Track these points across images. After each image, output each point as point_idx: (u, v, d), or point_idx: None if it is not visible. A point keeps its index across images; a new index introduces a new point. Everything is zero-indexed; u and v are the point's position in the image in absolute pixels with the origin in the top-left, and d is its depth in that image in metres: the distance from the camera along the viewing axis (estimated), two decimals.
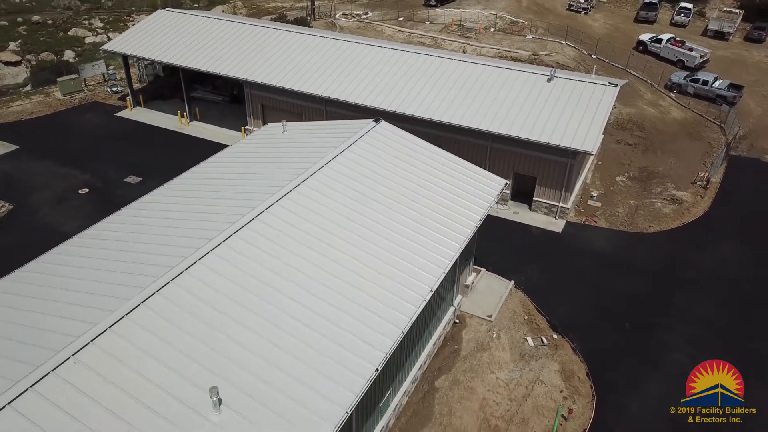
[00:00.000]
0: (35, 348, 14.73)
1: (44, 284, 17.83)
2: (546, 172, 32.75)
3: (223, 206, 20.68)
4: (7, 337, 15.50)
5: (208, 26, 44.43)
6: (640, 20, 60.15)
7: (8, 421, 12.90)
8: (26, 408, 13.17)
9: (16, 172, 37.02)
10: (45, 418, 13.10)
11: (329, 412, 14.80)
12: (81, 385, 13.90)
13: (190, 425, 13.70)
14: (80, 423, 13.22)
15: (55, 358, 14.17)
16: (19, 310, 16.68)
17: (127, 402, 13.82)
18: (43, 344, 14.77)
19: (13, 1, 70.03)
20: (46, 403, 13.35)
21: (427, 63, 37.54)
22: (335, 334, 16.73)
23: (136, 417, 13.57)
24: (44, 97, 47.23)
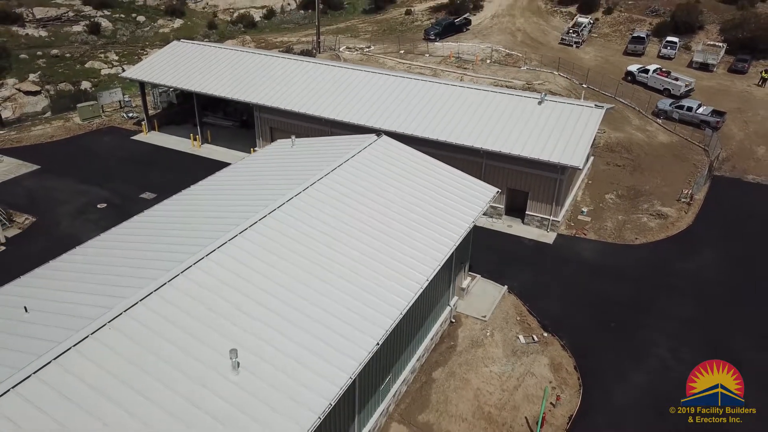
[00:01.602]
0: (78, 319, 16.64)
1: (79, 270, 19.83)
2: (537, 187, 34.85)
3: (239, 206, 22.80)
4: (50, 311, 17.43)
5: (220, 56, 47.35)
6: (629, 53, 63.23)
7: (56, 375, 14.72)
8: (72, 364, 15.02)
9: (39, 188, 39.27)
10: (91, 374, 14.94)
11: (335, 376, 16.57)
12: (118, 348, 15.77)
13: (212, 383, 15.49)
14: (119, 380, 15.04)
15: (94, 323, 16.09)
16: (53, 293, 18.64)
17: (158, 363, 15.66)
18: (84, 314, 16.70)
19: (33, 36, 73.50)
20: (93, 359, 15.23)
21: (425, 88, 40.15)
22: (341, 313, 18.60)
23: (167, 377, 15.38)
24: (64, 122, 49.90)
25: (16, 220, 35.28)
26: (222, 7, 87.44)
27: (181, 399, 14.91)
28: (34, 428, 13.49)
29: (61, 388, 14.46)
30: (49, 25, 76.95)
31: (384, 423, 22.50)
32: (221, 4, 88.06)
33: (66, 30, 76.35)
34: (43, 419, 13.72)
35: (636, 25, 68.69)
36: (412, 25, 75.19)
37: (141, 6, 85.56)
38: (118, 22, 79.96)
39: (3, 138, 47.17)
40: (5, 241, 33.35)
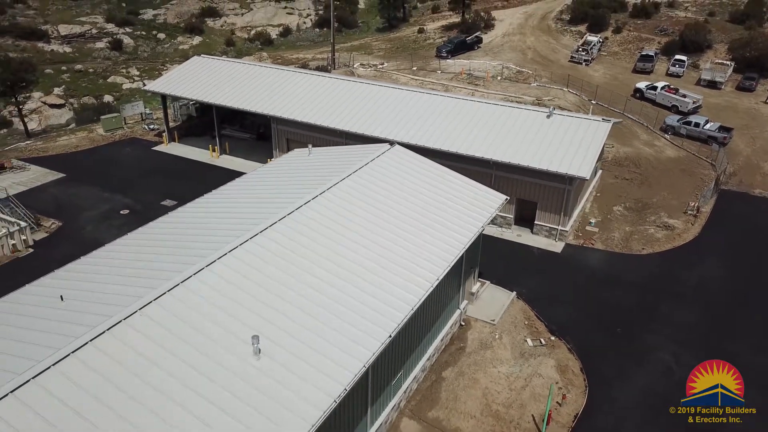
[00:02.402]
0: (111, 306, 17.79)
1: (110, 265, 21.07)
2: (546, 197, 35.82)
3: (260, 208, 24.01)
4: (82, 298, 18.62)
5: (239, 70, 49.05)
6: (637, 71, 64.33)
7: (91, 355, 15.84)
8: (107, 346, 16.16)
9: (64, 195, 40.83)
10: (124, 353, 16.07)
11: (349, 364, 17.55)
12: (147, 332, 16.89)
13: (237, 367, 16.53)
14: (150, 360, 16.14)
15: (126, 310, 17.24)
16: (83, 287, 19.85)
17: (185, 347, 16.74)
18: (117, 302, 17.85)
19: (58, 52, 76.10)
20: (125, 341, 16.37)
21: (437, 102, 41.46)
22: (356, 308, 19.63)
23: (193, 360, 16.45)
24: (87, 133, 51.72)
25: (43, 224, 36.78)
26: (240, 25, 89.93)
27: (205, 380, 15.95)
28: (89, 394, 14.61)
29: (96, 366, 15.56)
30: (73, 41, 79.67)
31: (395, 418, 23.35)
32: (239, 22, 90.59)
33: (89, 46, 79.00)
34: (80, 396, 14.81)
35: (645, 44, 69.85)
36: (425, 43, 76.88)
37: (161, 24, 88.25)
38: (140, 39, 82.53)
39: (30, 148, 49.02)
40: (33, 244, 34.78)
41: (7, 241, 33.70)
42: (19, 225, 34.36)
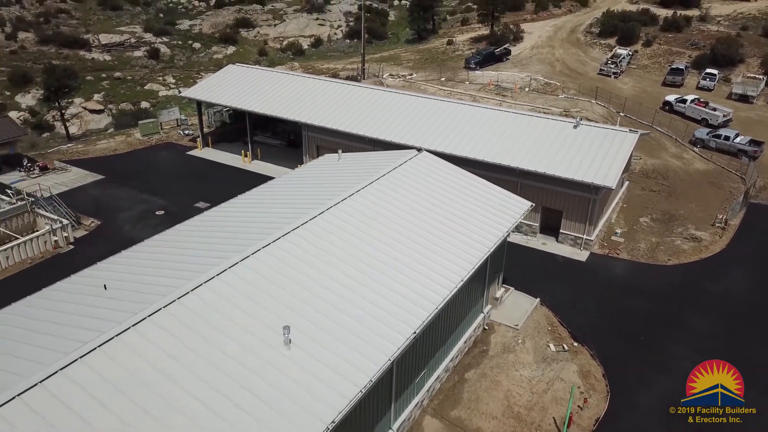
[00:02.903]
0: (152, 295, 18.83)
1: (149, 258, 22.18)
2: (571, 206, 36.11)
3: (292, 208, 24.95)
4: (123, 288, 19.71)
5: (272, 78, 50.48)
6: (667, 84, 64.14)
7: (135, 339, 16.84)
8: (148, 332, 17.16)
9: (103, 196, 42.50)
10: (164, 339, 17.05)
11: (375, 357, 18.24)
12: (185, 320, 17.84)
13: (269, 355, 17.36)
14: (187, 347, 17.07)
15: (167, 297, 18.24)
16: (129, 279, 20.95)
17: (220, 336, 17.64)
18: (157, 292, 18.89)
19: (98, 60, 78.97)
20: (165, 327, 17.36)
21: (465, 111, 42.14)
22: (382, 304, 20.34)
23: (227, 347, 17.34)
24: (125, 137, 53.66)
25: (83, 223, 38.38)
26: (272, 35, 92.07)
27: (238, 366, 16.79)
28: (140, 371, 15.60)
29: (138, 349, 16.55)
30: (113, 50, 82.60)
31: (418, 415, 23.90)
32: (272, 33, 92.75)
33: (128, 55, 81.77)
34: (122, 376, 15.80)
35: (675, 58, 69.63)
36: (454, 55, 77.75)
37: (197, 34, 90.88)
38: (176, 48, 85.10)
39: (71, 150, 51.09)
40: (73, 241, 36.34)
41: (50, 238, 35.29)
42: (62, 222, 35.96)
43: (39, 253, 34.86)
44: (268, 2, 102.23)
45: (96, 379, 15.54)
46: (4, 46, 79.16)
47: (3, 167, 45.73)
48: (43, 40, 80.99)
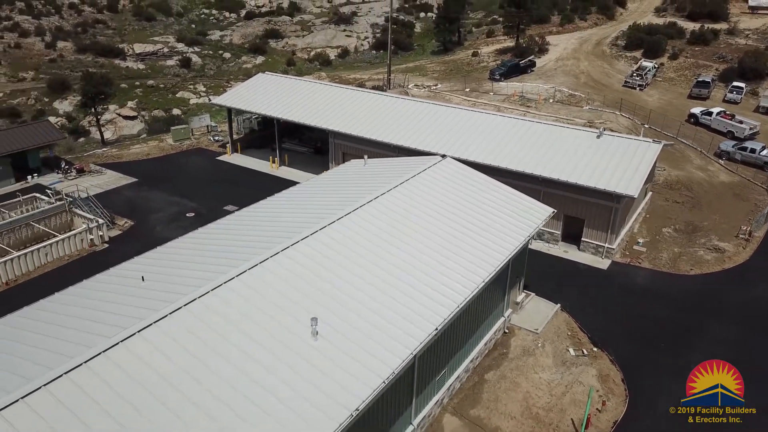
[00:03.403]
0: (186, 287, 19.84)
1: (184, 253, 23.27)
2: (593, 214, 36.44)
3: (320, 209, 25.89)
4: (152, 284, 20.77)
5: (300, 87, 51.81)
6: (693, 96, 63.99)
7: (172, 328, 17.84)
8: (184, 320, 18.14)
9: (136, 198, 44.06)
10: (200, 328, 18.02)
11: (398, 350, 18.96)
12: (219, 310, 18.80)
13: (297, 345, 18.20)
14: (220, 335, 18.00)
15: (202, 289, 19.23)
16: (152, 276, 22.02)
17: (251, 325, 18.56)
18: (191, 284, 19.90)
19: (132, 68, 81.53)
20: (201, 317, 18.33)
21: (488, 120, 42.83)
22: (405, 302, 21.08)
23: (258, 336, 18.23)
24: (158, 142, 55.44)
25: (117, 223, 39.87)
26: (300, 46, 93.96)
27: (268, 354, 17.66)
28: (175, 358, 16.58)
29: (176, 336, 17.54)
30: (146, 59, 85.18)
31: (438, 413, 24.48)
32: (299, 43, 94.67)
33: (161, 63, 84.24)
34: (161, 361, 16.77)
35: (702, 71, 69.43)
36: (479, 66, 78.55)
37: (227, 44, 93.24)
38: (207, 58, 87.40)
39: (106, 154, 52.98)
40: (108, 240, 37.80)
41: (86, 236, 36.79)
42: (98, 222, 37.46)
43: (76, 250, 36.35)
44: (296, 14, 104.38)
45: (148, 353, 16.55)
46: (43, 55, 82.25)
47: (42, 169, 47.65)
48: (81, 49, 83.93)
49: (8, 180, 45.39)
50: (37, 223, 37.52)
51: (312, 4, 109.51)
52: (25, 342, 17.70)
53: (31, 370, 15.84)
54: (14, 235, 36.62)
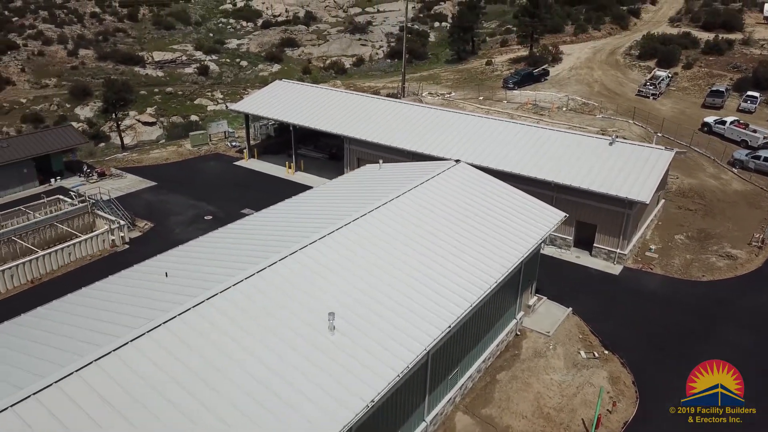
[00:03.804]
0: (209, 282, 20.59)
1: (205, 251, 24.06)
2: (605, 220, 36.80)
3: (335, 211, 26.61)
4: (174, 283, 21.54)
5: (316, 94, 52.77)
6: (707, 106, 64.13)
7: (195, 318, 18.57)
8: (207, 312, 18.87)
9: (156, 201, 45.10)
10: (222, 322, 18.74)
11: (412, 346, 19.54)
12: (240, 305, 19.51)
13: (315, 339, 18.85)
14: (241, 328, 18.71)
15: (223, 284, 19.97)
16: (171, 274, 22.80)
17: (270, 320, 19.24)
18: (214, 279, 20.64)
19: (151, 76, 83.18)
20: (223, 310, 19.05)
21: (502, 127, 43.41)
22: (419, 300, 21.68)
23: (279, 329, 18.91)
24: (176, 147, 56.64)
25: (137, 225, 40.87)
26: (316, 55, 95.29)
27: (287, 347, 18.31)
28: (200, 346, 17.31)
29: (198, 328, 18.27)
30: (165, 66, 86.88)
31: (450, 411, 24.95)
32: (315, 52, 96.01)
33: (179, 71, 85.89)
34: (185, 351, 17.50)
35: (716, 80, 69.56)
36: (492, 75, 79.22)
37: (244, 52, 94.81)
38: (224, 66, 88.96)
39: (126, 159, 54.22)
40: (129, 241, 38.79)
41: (108, 237, 37.80)
42: (119, 223, 38.47)
43: (98, 251, 37.36)
44: (312, 23, 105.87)
45: (181, 338, 17.29)
46: (66, 62, 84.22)
47: (65, 172, 48.91)
48: (102, 57, 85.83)
49: (32, 182, 46.68)
50: (61, 224, 38.62)
51: (327, 14, 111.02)
52: (40, 340, 18.36)
53: (43, 367, 16.32)
54: (39, 235, 37.71)
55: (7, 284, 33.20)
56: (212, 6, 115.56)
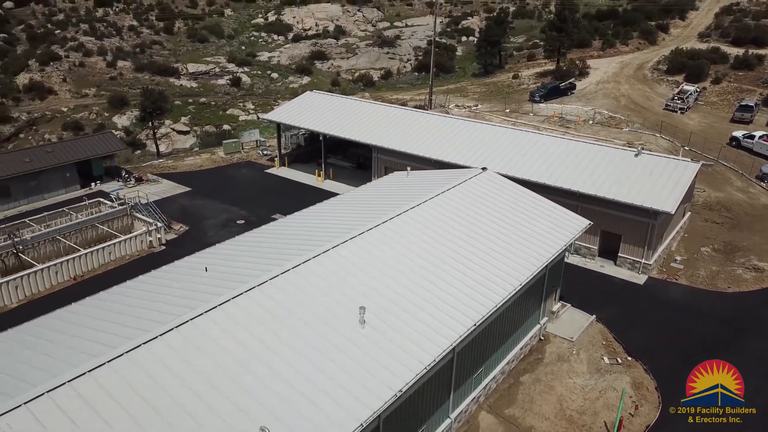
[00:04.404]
0: (246, 277, 21.75)
1: (244, 249, 25.28)
2: (630, 230, 37.17)
3: (366, 213, 27.65)
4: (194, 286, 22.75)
5: (346, 105, 54.17)
6: (735, 120, 63.93)
7: (232, 310, 19.70)
8: (246, 304, 20.01)
9: (190, 205, 46.76)
10: (258, 312, 19.84)
11: (439, 340, 20.37)
12: (276, 297, 20.60)
13: (346, 331, 19.82)
14: (277, 319, 19.77)
15: (258, 279, 21.11)
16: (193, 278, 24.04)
17: (305, 313, 20.27)
18: (250, 275, 21.80)
19: (186, 87, 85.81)
20: (260, 302, 20.17)
21: (527, 138, 44.14)
22: (445, 299, 22.51)
23: (313, 322, 19.93)
24: (210, 155, 58.48)
25: (173, 227, 42.47)
26: (345, 67, 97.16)
27: (321, 339, 19.30)
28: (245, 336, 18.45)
29: (237, 318, 19.40)
30: (199, 78, 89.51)
31: (474, 410, 25.61)
32: (344, 65, 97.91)
33: (212, 82, 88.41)
34: (227, 341, 18.62)
35: (745, 95, 69.28)
36: (519, 88, 79.97)
37: (275, 65, 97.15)
38: (256, 78, 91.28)
39: (162, 165, 56.19)
40: (165, 243, 40.35)
41: (146, 238, 39.40)
42: (156, 225, 40.09)
43: (136, 251, 38.98)
44: (342, 37, 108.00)
45: (203, 337, 18.43)
46: (105, 73, 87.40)
47: (104, 177, 50.97)
48: (139, 68, 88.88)
49: (74, 186, 48.78)
50: (102, 225, 40.37)
51: (357, 28, 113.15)
52: (91, 325, 19.76)
53: (94, 349, 17.56)
54: (81, 235, 39.50)
55: (51, 280, 34.89)
56: (245, 20, 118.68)
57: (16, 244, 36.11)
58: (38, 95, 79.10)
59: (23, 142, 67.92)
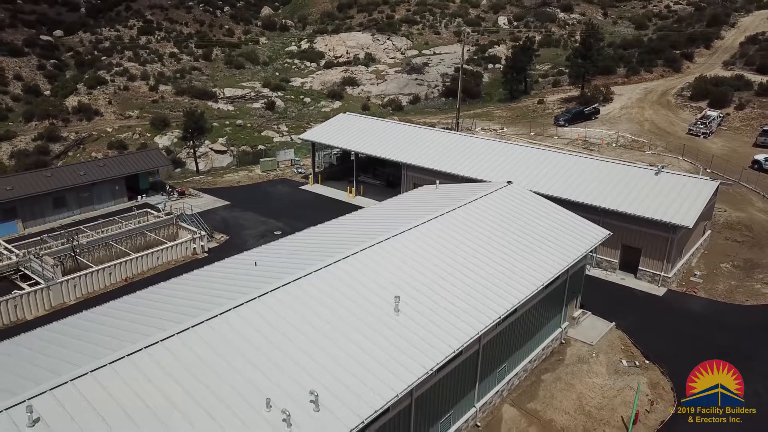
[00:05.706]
0: (287, 273, 24.15)
1: (284, 249, 27.75)
2: (650, 244, 38.73)
3: (398, 219, 29.97)
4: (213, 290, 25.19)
5: (376, 126, 56.99)
6: (759, 145, 64.98)
7: (274, 301, 22.06)
8: (289, 293, 22.37)
9: (230, 217, 49.67)
10: (300, 303, 22.19)
11: (466, 329, 22.40)
12: (318, 286, 22.93)
13: (382, 318, 21.99)
14: (314, 312, 22.05)
15: (305, 270, 23.49)
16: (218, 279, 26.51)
17: (344, 301, 22.53)
18: (290, 271, 24.19)
19: (223, 109, 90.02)
20: (306, 290, 22.54)
21: (551, 157, 46.19)
22: (473, 294, 24.53)
23: (351, 310, 22.17)
24: (247, 172, 61.69)
25: (215, 237, 45.29)
26: (374, 93, 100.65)
27: (363, 324, 21.48)
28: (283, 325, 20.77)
29: (276, 308, 21.73)
30: (235, 101, 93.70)
31: (497, 402, 27.35)
32: (374, 90, 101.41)
33: (248, 106, 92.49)
34: (260, 323, 20.95)
35: None
36: (544, 113, 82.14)
37: (308, 90, 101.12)
38: (289, 102, 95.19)
39: (202, 181, 59.52)
40: (207, 251, 43.12)
41: (190, 245, 42.23)
42: (200, 234, 42.93)
43: (181, 257, 41.79)
44: (371, 64, 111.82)
45: (276, 311, 20.79)
46: (147, 96, 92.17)
47: (149, 191, 54.35)
48: (179, 92, 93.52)
49: (122, 198, 52.19)
50: (150, 232, 43.38)
51: (386, 56, 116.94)
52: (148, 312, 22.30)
53: (148, 330, 20.07)
54: (131, 241, 42.53)
55: (105, 281, 37.79)
56: (279, 48, 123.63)
57: (74, 248, 39.21)
58: (85, 116, 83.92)
59: (71, 160, 72.17)
